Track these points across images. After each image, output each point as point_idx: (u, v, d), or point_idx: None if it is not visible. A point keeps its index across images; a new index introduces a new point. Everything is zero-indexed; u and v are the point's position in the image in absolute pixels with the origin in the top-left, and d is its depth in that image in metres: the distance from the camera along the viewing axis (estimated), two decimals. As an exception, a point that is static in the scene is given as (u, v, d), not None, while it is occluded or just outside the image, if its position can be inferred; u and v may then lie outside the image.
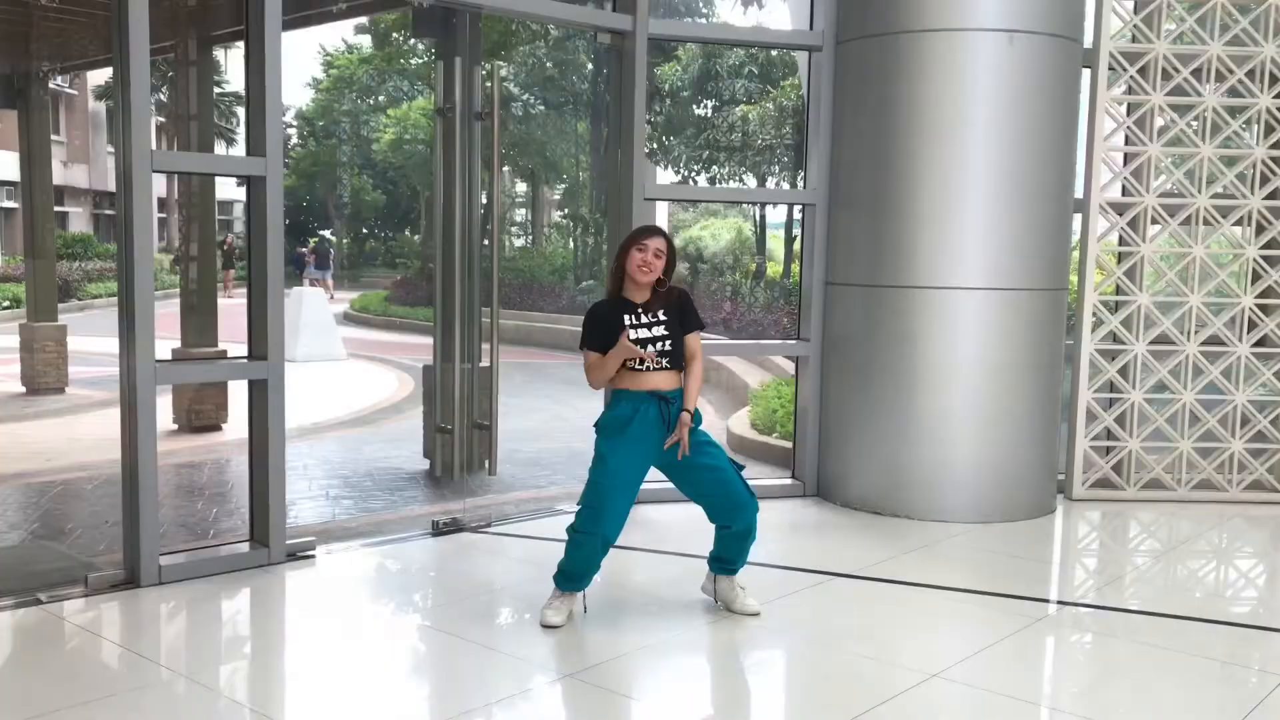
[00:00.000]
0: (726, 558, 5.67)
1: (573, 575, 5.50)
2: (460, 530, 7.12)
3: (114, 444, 6.02)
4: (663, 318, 5.43)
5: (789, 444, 9.08)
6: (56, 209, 26.55)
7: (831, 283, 8.06)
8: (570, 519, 5.49)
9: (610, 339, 5.35)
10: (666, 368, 5.41)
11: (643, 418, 5.37)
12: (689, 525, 5.88)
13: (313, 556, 6.45)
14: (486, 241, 7.57)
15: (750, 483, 5.51)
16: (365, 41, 44.13)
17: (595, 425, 5.53)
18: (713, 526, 5.61)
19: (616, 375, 5.41)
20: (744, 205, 27.98)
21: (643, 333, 5.38)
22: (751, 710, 4.69)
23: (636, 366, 5.38)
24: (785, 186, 24.27)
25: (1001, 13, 7.34)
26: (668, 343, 5.40)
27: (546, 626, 5.41)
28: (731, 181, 25.21)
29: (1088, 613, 5.88)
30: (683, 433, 5.38)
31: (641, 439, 5.38)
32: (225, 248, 31.80)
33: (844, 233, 7.96)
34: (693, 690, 4.91)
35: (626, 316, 5.40)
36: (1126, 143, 8.29)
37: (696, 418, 5.48)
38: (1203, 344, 8.27)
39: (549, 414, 13.38)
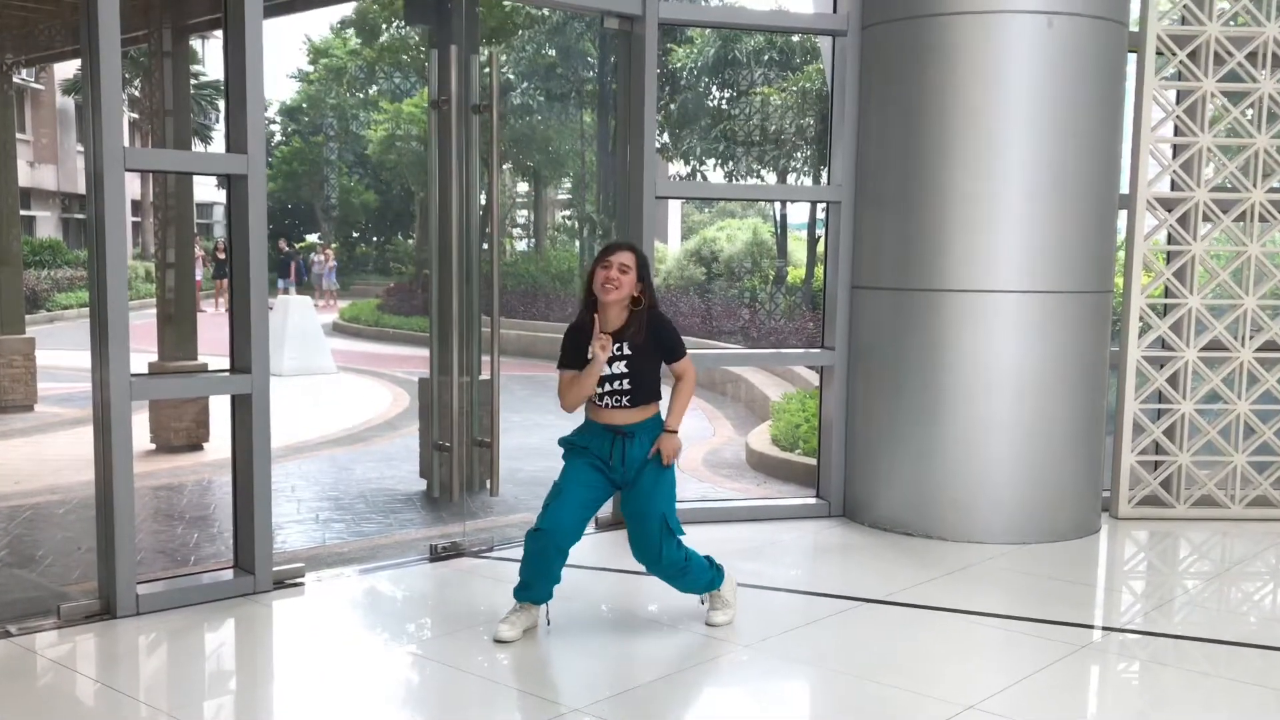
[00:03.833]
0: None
1: (526, 580, 5.66)
2: (460, 555, 7.16)
3: (87, 465, 6.05)
4: (626, 352, 5.54)
5: (813, 461, 9.11)
6: (22, 213, 26.64)
7: (858, 287, 8.08)
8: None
9: (581, 361, 5.53)
10: (626, 406, 5.60)
11: (596, 450, 5.63)
12: (708, 550, 5.91)
13: (301, 584, 6.49)
14: (486, 245, 7.60)
15: (767, 502, 5.55)
16: (352, 33, 44.24)
17: (560, 443, 5.80)
18: (730, 555, 5.69)
19: (586, 404, 5.67)
20: (763, 204, 27.98)
21: (612, 366, 5.57)
22: (773, 746, 4.72)
23: (597, 402, 5.60)
24: (808, 183, 24.27)
25: (1039, -6, 7.37)
26: (625, 381, 5.56)
27: (498, 641, 5.56)
28: (750, 178, 25.20)
29: (1135, 639, 5.90)
30: (666, 449, 5.63)
31: (596, 463, 5.64)
32: (218, 254, 31.79)
33: (871, 232, 7.99)
34: (710, 725, 4.94)
35: (590, 347, 5.52)
36: (1176, 133, 8.31)
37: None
38: (1258, 350, 8.29)
39: (554, 430, 13.35)
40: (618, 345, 5.52)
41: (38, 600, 6.50)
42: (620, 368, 5.53)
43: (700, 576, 5.81)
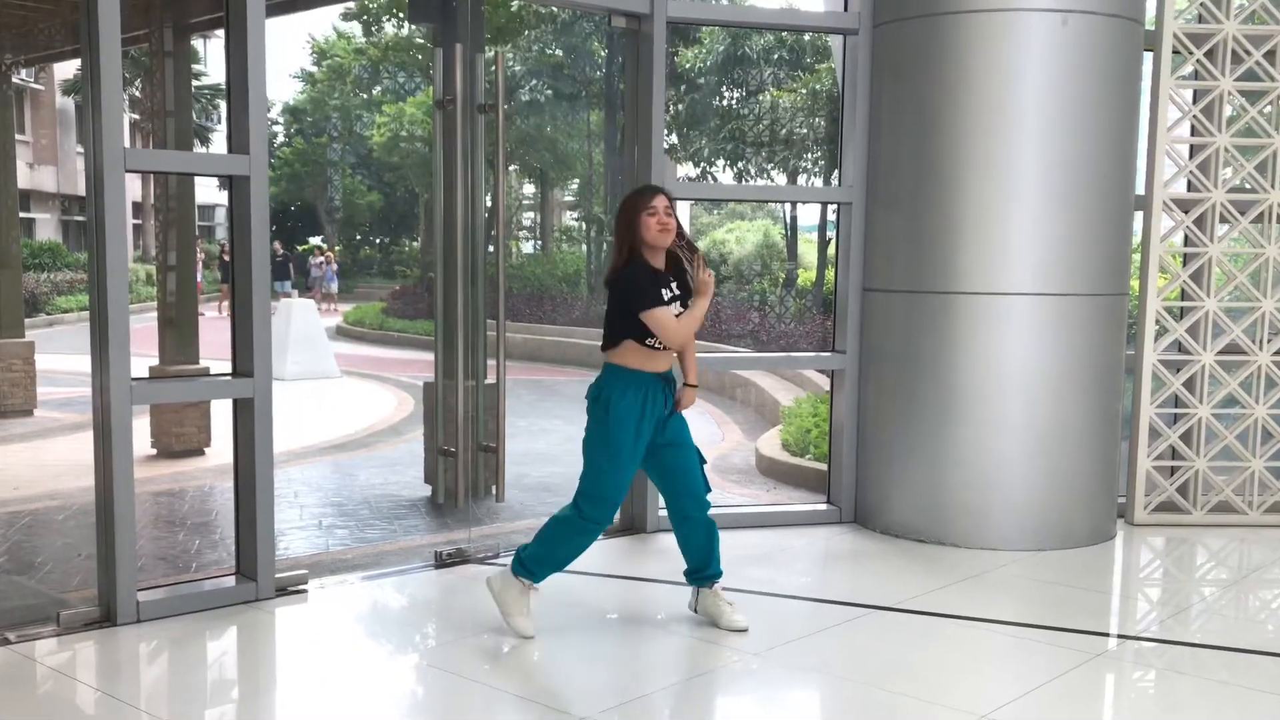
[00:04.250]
0: (697, 567, 5.96)
1: (557, 562, 5.78)
2: (465, 561, 7.16)
3: (87, 470, 6.06)
4: (678, 292, 5.66)
5: (824, 466, 9.11)
6: (22, 215, 26.68)
7: (869, 289, 8.09)
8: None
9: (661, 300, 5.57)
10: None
11: (652, 405, 5.65)
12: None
13: (305, 591, 6.49)
14: (491, 247, 7.61)
15: (777, 508, 5.58)
16: (356, 30, 44.30)
17: (600, 405, 5.67)
18: (740, 561, 5.69)
19: (630, 352, 5.62)
20: (773, 206, 27.96)
21: (674, 308, 5.62)
22: (783, 755, 4.73)
23: (657, 346, 5.57)
24: (818, 184, 24.27)
25: (1053, -9, 7.38)
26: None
27: (523, 638, 5.67)
28: (759, 179, 25.20)
29: (1151, 647, 5.90)
30: (689, 401, 5.82)
31: (647, 427, 5.66)
32: (224, 256, 31.83)
33: (883, 234, 7.99)
34: (719, 734, 4.95)
35: (663, 291, 5.61)
36: (1192, 133, 8.30)
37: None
38: (1276, 353, 8.27)
39: (560, 435, 13.43)
40: (672, 285, 5.64)
41: (37, 607, 6.52)
42: (677, 309, 5.62)
43: None
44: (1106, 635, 6.07)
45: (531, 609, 5.75)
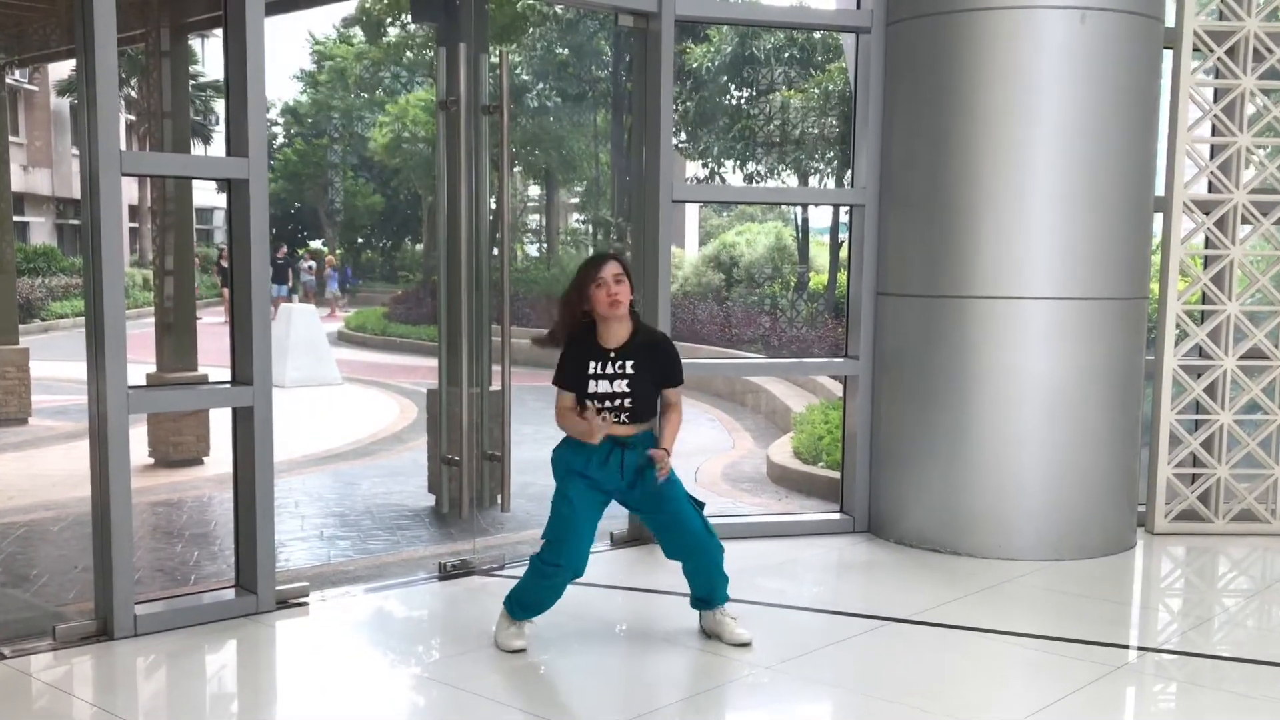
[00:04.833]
0: (701, 596, 5.96)
1: (530, 605, 5.78)
2: (470, 573, 7.16)
3: (83, 480, 6.06)
4: (629, 370, 5.62)
5: (836, 474, 9.10)
6: (16, 219, 26.72)
7: (883, 293, 8.08)
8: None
9: (579, 380, 5.62)
10: (625, 423, 5.64)
11: (598, 461, 5.63)
12: (725, 567, 5.92)
13: (306, 604, 6.49)
14: (496, 251, 7.60)
15: (788, 518, 5.56)
16: (357, 33, 44.39)
17: (552, 460, 5.77)
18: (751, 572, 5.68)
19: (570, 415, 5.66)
20: (784, 207, 27.94)
21: (602, 385, 5.61)
22: (795, 771, 4.72)
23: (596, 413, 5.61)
24: (830, 185, 24.27)
25: (1071, -12, 7.37)
26: (626, 400, 5.61)
27: (512, 651, 5.68)
28: (770, 180, 25.18)
29: (1172, 660, 5.88)
30: (665, 464, 5.63)
31: (595, 478, 5.66)
32: (223, 262, 31.89)
33: (896, 237, 7.98)
34: (730, 749, 4.94)
35: (591, 364, 5.62)
36: (1213, 132, 8.29)
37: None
38: (1301, 358, 8.27)
39: (567, 443, 13.39)
40: (621, 364, 5.60)
41: (32, 621, 6.52)
42: (622, 386, 5.59)
43: None
44: (1126, 647, 6.06)
45: (527, 632, 5.77)
